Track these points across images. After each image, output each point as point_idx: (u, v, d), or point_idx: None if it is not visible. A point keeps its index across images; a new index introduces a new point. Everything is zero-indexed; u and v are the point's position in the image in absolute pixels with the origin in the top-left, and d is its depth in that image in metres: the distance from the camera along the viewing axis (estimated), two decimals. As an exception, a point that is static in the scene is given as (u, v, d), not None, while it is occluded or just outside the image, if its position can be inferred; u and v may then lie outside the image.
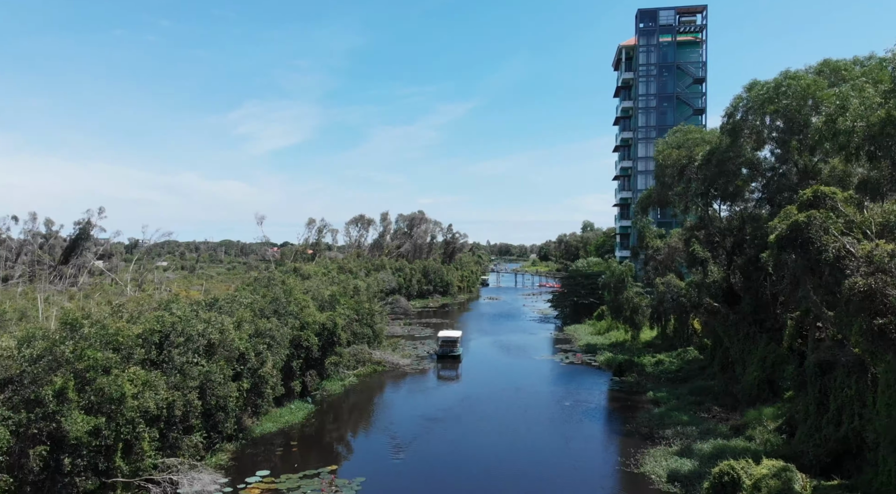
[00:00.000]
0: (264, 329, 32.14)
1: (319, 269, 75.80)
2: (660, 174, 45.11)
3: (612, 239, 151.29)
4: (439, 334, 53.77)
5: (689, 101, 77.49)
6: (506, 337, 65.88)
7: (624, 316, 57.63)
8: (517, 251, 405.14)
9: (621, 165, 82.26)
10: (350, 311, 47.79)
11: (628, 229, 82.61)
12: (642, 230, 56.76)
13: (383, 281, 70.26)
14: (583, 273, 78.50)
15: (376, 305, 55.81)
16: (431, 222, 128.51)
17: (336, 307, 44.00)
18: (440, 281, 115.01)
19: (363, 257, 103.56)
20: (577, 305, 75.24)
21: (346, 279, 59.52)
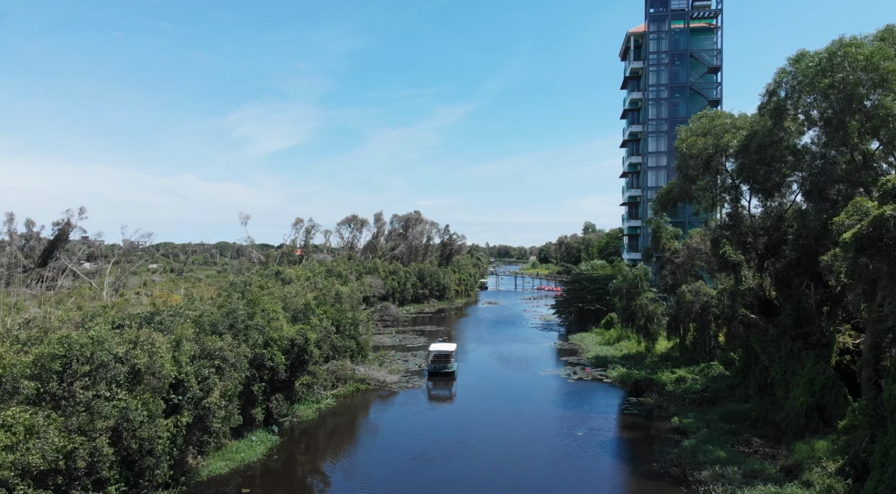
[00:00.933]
0: (212, 349, 26.42)
1: (304, 273, 70.16)
2: (683, 165, 39.40)
3: (617, 240, 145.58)
4: (431, 347, 47.80)
5: (704, 92, 71.92)
6: (506, 348, 60.18)
7: (637, 326, 52.02)
8: (516, 253, 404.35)
9: (630, 161, 76.69)
10: (329, 322, 42.15)
11: (637, 229, 76.98)
12: (657, 230, 51.14)
13: (370, 287, 64.48)
14: (588, 277, 72.85)
15: (362, 314, 50.12)
16: (428, 223, 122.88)
17: (311, 318, 38.29)
18: (436, 285, 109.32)
19: (355, 259, 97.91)
20: (582, 312, 69.57)
21: (329, 284, 53.80)
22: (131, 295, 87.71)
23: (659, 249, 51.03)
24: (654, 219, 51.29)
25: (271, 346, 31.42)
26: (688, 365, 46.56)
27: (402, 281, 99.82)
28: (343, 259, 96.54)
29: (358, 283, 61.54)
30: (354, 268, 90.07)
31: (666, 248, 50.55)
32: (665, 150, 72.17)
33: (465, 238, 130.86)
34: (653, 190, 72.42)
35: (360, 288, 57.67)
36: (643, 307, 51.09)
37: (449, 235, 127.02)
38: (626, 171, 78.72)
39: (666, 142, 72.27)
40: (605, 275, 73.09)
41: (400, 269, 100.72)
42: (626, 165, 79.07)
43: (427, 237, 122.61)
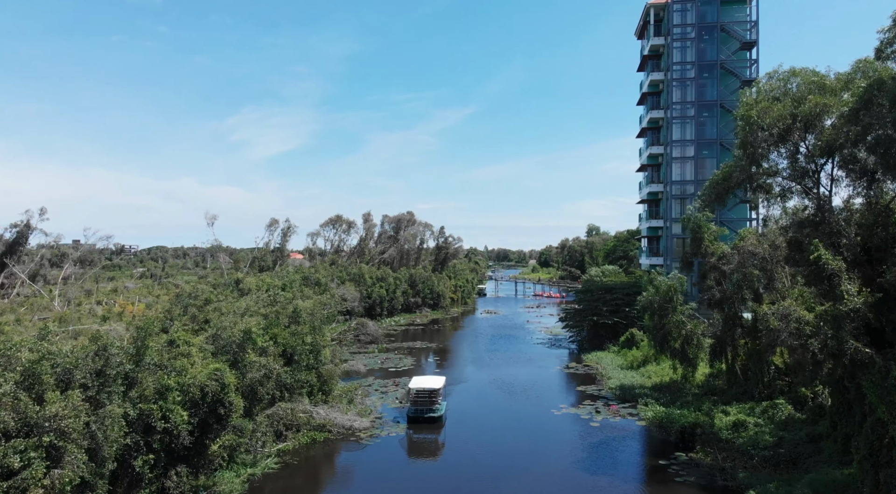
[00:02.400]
0: (38, 418, 16.28)
1: (274, 281, 59.98)
2: (748, 140, 29.29)
3: (626, 243, 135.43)
4: (411, 384, 36.43)
5: (736, 71, 62.01)
6: (508, 372, 50.09)
7: (672, 349, 41.96)
8: (515, 256, 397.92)
9: (649, 152, 66.73)
10: (279, 351, 32.07)
11: (659, 231, 67.00)
12: (697, 230, 41.10)
13: (343, 299, 54.26)
14: (603, 285, 62.75)
15: (327, 336, 40.00)
16: (421, 224, 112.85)
17: (247, 350, 28.15)
18: (429, 293, 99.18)
19: (339, 264, 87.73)
20: (597, 326, 59.48)
21: (289, 297, 43.68)
22: (87, 305, 77.58)
23: (700, 253, 41.03)
24: (694, 216, 41.28)
25: (167, 398, 21.26)
26: (741, 401, 36.48)
27: (392, 288, 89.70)
28: (325, 264, 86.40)
29: (326, 295, 51.27)
30: (337, 275, 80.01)
31: (709, 253, 40.54)
32: (692, 138, 62.26)
33: (462, 241, 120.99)
34: (678, 184, 62.47)
35: (328, 302, 47.50)
36: (680, 326, 41.04)
37: (444, 238, 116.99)
38: (645, 164, 68.76)
39: (692, 129, 62.36)
40: (622, 284, 63.04)
41: (389, 275, 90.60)
42: (645, 157, 69.12)
43: (420, 240, 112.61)
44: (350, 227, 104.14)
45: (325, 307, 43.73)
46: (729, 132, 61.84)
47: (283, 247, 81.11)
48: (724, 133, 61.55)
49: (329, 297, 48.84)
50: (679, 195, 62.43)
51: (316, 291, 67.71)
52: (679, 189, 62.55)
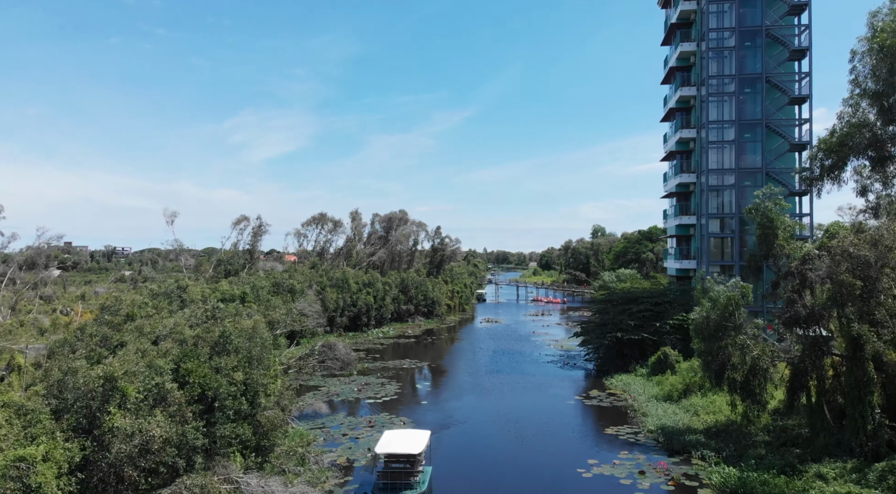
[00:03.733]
0: None
1: (231, 289, 49.99)
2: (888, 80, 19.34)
3: (638, 245, 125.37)
4: (380, 445, 25.38)
5: (784, 38, 52.07)
6: (516, 403, 40.18)
7: (731, 380, 31.92)
8: (515, 259, 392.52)
9: (678, 137, 56.71)
10: (196, 393, 22.14)
11: (691, 229, 57.04)
12: (767, 224, 31.13)
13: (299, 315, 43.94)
14: (627, 294, 52.68)
15: (272, 366, 29.92)
16: (415, 224, 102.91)
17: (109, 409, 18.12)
18: (423, 299, 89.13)
19: (319, 268, 77.65)
20: (621, 343, 49.46)
21: (230, 312, 33.66)
22: (37, 314, 67.32)
23: (771, 255, 31.06)
24: (763, 204, 31.36)
25: None
26: (834, 456, 26.61)
27: (380, 294, 79.68)
28: (304, 267, 76.33)
29: (279, 312, 41.11)
30: (316, 280, 69.95)
31: (783, 254, 30.61)
32: (731, 119, 52.35)
33: (460, 242, 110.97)
34: (715, 174, 52.55)
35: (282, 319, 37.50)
36: (744, 351, 31.02)
37: (440, 238, 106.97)
38: (673, 151, 58.76)
39: (732, 108, 52.45)
40: (649, 292, 53.11)
41: (377, 280, 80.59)
42: (672, 143, 59.16)
43: (414, 240, 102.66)
44: (336, 227, 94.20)
45: (278, 326, 33.86)
46: (776, 110, 51.99)
47: (253, 248, 71.06)
48: (770, 112, 51.69)
49: (283, 313, 38.63)
50: (717, 186, 52.51)
51: (287, 300, 57.76)
52: (716, 179, 52.63)
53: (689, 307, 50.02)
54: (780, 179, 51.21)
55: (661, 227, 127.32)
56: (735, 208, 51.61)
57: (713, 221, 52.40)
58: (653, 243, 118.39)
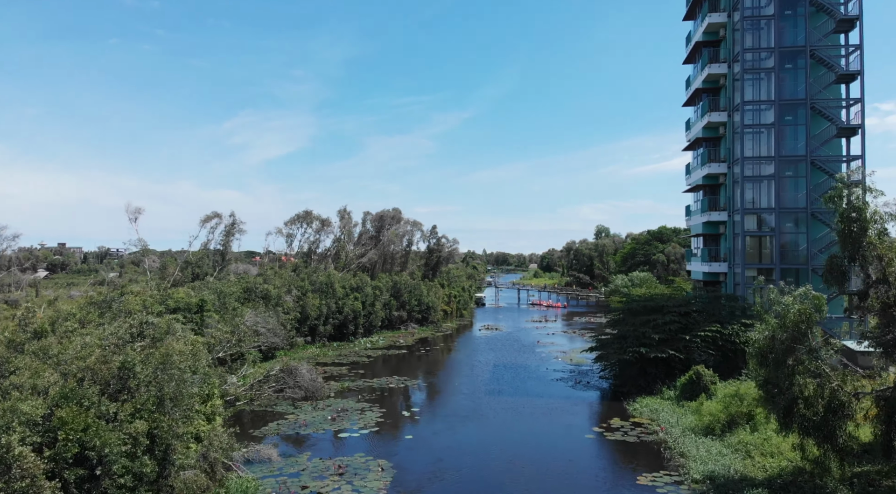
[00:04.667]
0: None
1: (187, 297, 42.81)
2: None
3: (647, 246, 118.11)
4: None
5: (830, 5, 45.01)
6: (523, 435, 33.03)
7: (803, 418, 24.68)
8: (515, 260, 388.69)
9: (706, 121, 49.56)
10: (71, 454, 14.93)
11: (719, 226, 49.89)
12: (853, 217, 23.91)
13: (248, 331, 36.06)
14: (650, 302, 45.43)
15: (213, 399, 22.69)
16: (409, 223, 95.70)
17: None
18: (417, 305, 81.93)
19: (302, 270, 70.43)
20: (644, 360, 42.21)
21: (161, 331, 26.37)
22: None
23: (860, 257, 23.83)
24: (843, 189, 24.17)
25: None
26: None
27: (370, 300, 72.48)
28: (284, 270, 69.11)
29: (221, 329, 33.65)
30: (296, 284, 62.73)
31: (876, 255, 23.41)
32: (770, 99, 45.27)
33: (458, 243, 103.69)
34: (751, 163, 45.43)
35: (227, 338, 30.22)
36: (822, 382, 23.83)
37: (436, 239, 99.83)
38: (699, 138, 51.56)
39: (771, 86, 45.39)
40: (675, 301, 45.93)
41: (366, 284, 73.38)
42: (698, 129, 52.05)
43: (408, 241, 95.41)
44: (325, 226, 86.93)
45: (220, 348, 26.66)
46: (821, 89, 44.92)
47: (225, 249, 63.76)
48: (814, 91, 44.63)
49: (227, 331, 31.20)
50: (753, 177, 45.41)
51: (262, 308, 50.59)
52: (753, 168, 45.55)
53: (721, 318, 42.96)
54: (826, 168, 44.17)
55: (670, 227, 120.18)
56: (774, 202, 44.51)
57: (749, 217, 45.32)
58: (663, 244, 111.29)
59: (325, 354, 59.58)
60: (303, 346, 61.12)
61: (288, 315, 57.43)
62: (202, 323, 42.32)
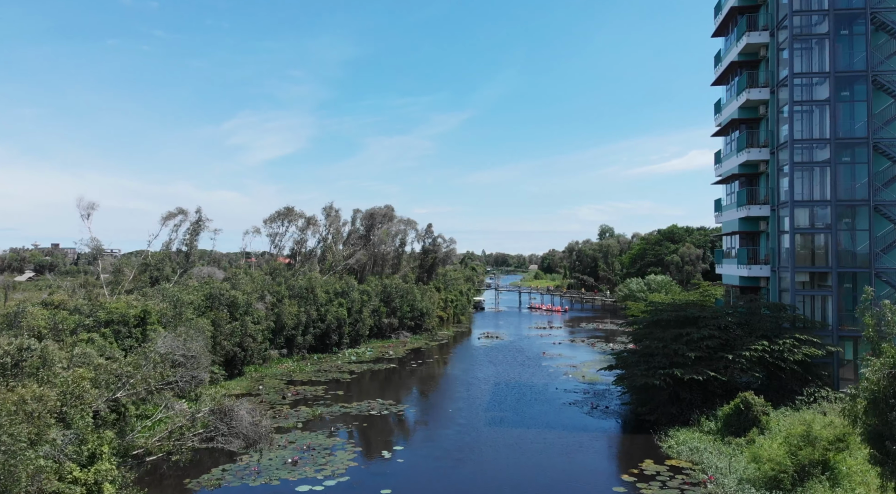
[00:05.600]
0: None
1: (125, 307, 35.51)
2: None
3: (659, 246, 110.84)
4: None
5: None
6: (531, 486, 25.79)
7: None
8: (515, 261, 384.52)
9: (743, 100, 42.21)
10: None
11: (760, 223, 42.59)
12: None
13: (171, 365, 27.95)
14: (682, 313, 38.05)
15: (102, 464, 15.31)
16: (402, 222, 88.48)
17: None
18: (409, 310, 74.63)
19: (281, 274, 63.12)
20: (676, 381, 34.87)
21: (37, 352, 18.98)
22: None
23: None
24: None
25: None
26: None
27: (356, 306, 65.19)
28: (259, 273, 61.84)
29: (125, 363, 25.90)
30: (271, 289, 55.44)
31: None
32: (823, 71, 38.05)
33: (455, 243, 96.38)
34: (801, 147, 38.22)
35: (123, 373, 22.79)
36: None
37: (432, 238, 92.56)
38: (735, 120, 44.20)
39: (825, 56, 38.14)
40: (712, 311, 38.63)
41: (353, 289, 66.08)
42: (732, 110, 44.82)
43: (401, 241, 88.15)
44: (310, 224, 79.56)
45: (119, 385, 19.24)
46: (884, 59, 37.66)
47: (190, 250, 56.43)
48: (876, 61, 37.41)
49: (127, 363, 23.55)
50: (804, 164, 38.18)
51: (223, 319, 43.38)
52: (803, 153, 38.31)
53: (767, 331, 35.76)
54: (890, 154, 36.93)
55: (681, 227, 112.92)
56: (830, 193, 37.28)
57: (799, 211, 38.07)
58: (675, 244, 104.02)
59: (302, 369, 52.28)
60: (277, 360, 53.84)
61: (258, 324, 50.12)
62: (144, 338, 35.09)
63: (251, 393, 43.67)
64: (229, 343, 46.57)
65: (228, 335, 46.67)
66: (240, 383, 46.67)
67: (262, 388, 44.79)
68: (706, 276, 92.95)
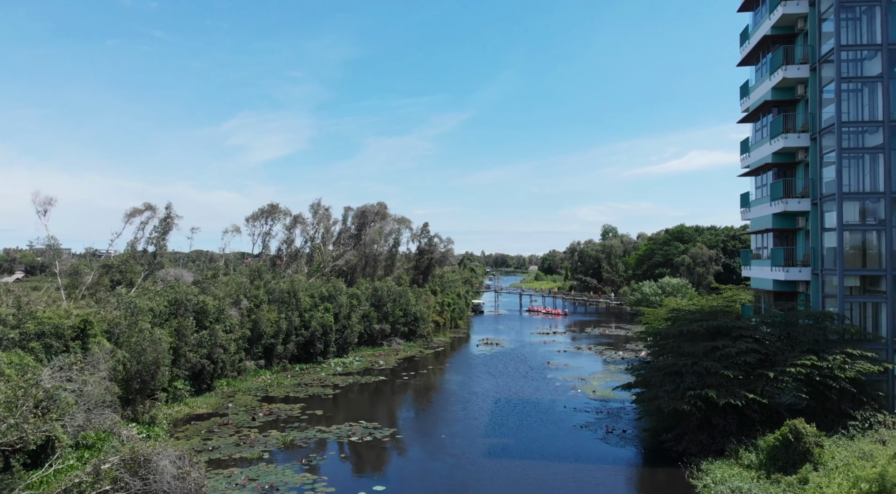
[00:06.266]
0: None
1: (61, 318, 30.34)
2: None
3: (668, 246, 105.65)
4: None
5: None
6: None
7: None
8: (514, 262, 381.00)
9: (779, 79, 36.98)
10: None
11: (798, 219, 37.31)
12: None
13: (31, 402, 22.13)
14: (708, 320, 32.87)
15: None
16: (395, 220, 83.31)
17: None
18: (402, 315, 69.42)
19: (262, 277, 57.89)
20: (708, 403, 29.61)
21: None
22: None
23: None
24: None
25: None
26: None
27: (344, 311, 59.98)
28: (236, 276, 56.62)
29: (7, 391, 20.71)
30: (249, 294, 50.29)
31: None
32: (875, 43, 32.88)
33: (453, 243, 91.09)
34: (850, 129, 33.08)
35: None
36: None
37: (428, 238, 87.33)
38: (768, 102, 38.88)
39: (875, 25, 32.96)
40: (745, 320, 33.42)
41: (341, 292, 60.87)
42: (765, 91, 39.60)
43: (394, 240, 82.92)
44: (297, 222, 74.39)
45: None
46: (948, 29, 32.49)
47: (158, 250, 51.12)
48: (937, 31, 32.24)
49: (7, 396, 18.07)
50: (852, 150, 32.99)
51: (188, 328, 38.24)
52: (851, 138, 33.14)
53: (811, 345, 30.63)
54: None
55: (691, 226, 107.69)
56: (883, 184, 32.11)
57: (847, 205, 32.88)
58: (684, 244, 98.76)
59: (281, 383, 47.04)
60: (253, 372, 48.62)
61: (230, 333, 44.90)
62: (85, 354, 29.87)
63: (218, 412, 38.46)
64: (196, 354, 41.35)
65: (195, 346, 41.47)
66: (207, 400, 41.47)
67: (230, 406, 39.58)
68: (719, 278, 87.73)
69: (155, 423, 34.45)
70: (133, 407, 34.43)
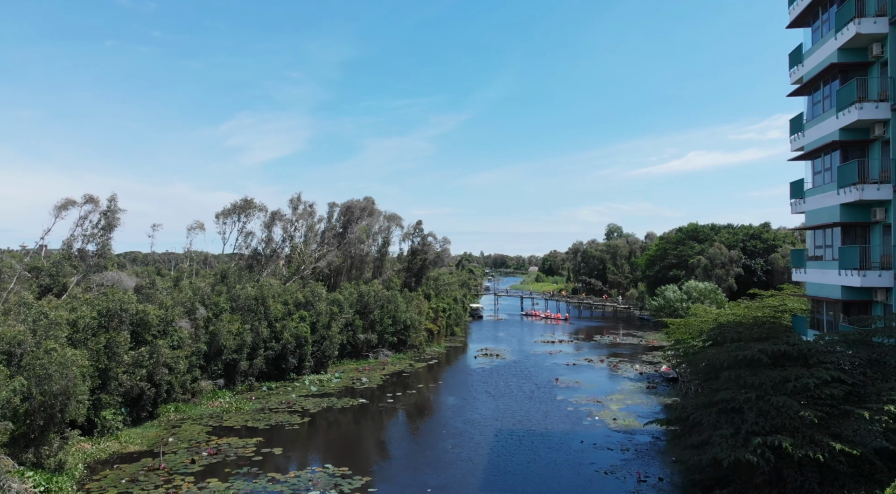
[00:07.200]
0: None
1: None
2: None
3: (682, 246, 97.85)
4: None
5: None
6: None
7: None
8: (514, 263, 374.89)
9: (849, 37, 29.69)
10: None
11: (872, 210, 29.87)
12: None
13: None
14: (770, 339, 25.47)
15: None
16: (385, 217, 75.98)
17: None
18: (391, 323, 61.99)
19: (231, 280, 50.48)
20: (777, 456, 22.27)
21: None
22: None
23: None
24: None
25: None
26: None
27: (323, 320, 52.58)
28: (200, 280, 49.23)
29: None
30: (208, 301, 42.86)
31: None
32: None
33: (449, 243, 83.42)
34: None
35: None
36: None
37: (421, 237, 79.87)
38: (834, 64, 31.47)
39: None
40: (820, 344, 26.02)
41: (320, 298, 53.48)
42: (828, 53, 32.21)
43: (383, 240, 75.53)
44: (275, 219, 66.91)
45: None
46: None
47: (101, 250, 43.54)
48: None
49: None
50: (956, 120, 25.65)
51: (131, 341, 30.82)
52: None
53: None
54: None
55: (706, 225, 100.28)
56: None
57: (950, 192, 25.52)
58: (700, 244, 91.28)
59: (240, 407, 39.57)
60: (210, 395, 41.21)
61: (178, 349, 37.48)
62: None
63: (154, 449, 31.07)
64: (131, 377, 33.97)
65: (130, 366, 34.08)
66: (146, 431, 34.11)
67: (170, 441, 32.14)
68: (739, 281, 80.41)
69: (63, 470, 27.14)
70: (36, 448, 27.12)
